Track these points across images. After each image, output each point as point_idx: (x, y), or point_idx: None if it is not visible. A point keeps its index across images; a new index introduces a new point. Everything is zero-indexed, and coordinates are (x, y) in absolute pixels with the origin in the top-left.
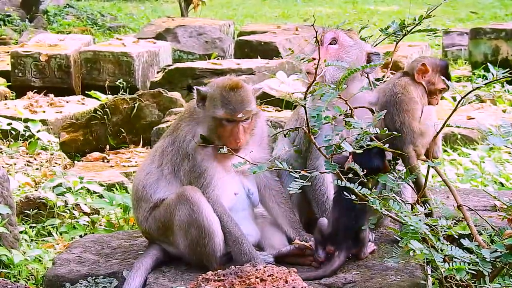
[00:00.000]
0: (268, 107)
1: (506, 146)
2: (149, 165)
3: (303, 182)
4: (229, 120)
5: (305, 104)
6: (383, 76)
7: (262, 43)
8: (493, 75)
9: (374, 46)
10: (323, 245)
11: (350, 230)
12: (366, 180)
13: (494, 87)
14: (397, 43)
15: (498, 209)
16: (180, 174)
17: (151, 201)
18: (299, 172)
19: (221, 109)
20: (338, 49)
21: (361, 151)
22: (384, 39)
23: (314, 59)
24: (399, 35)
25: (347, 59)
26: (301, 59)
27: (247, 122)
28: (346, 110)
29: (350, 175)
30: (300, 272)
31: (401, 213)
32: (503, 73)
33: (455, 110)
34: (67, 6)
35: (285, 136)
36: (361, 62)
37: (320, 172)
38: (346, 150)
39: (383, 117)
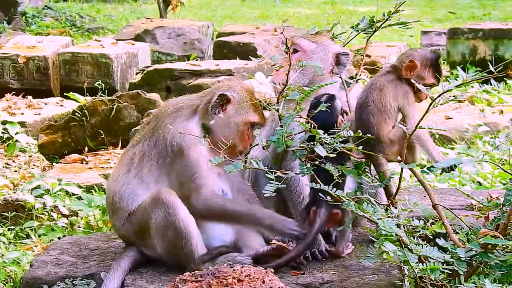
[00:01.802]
0: None
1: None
2: (125, 174)
3: (278, 184)
4: (253, 125)
5: (277, 109)
6: (356, 74)
7: (241, 44)
8: (464, 78)
9: (346, 43)
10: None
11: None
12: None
13: (472, 86)
14: (367, 40)
15: (475, 208)
16: (171, 176)
17: (128, 209)
18: (275, 173)
19: (254, 114)
20: (300, 55)
21: (334, 154)
22: (355, 36)
23: (277, 70)
24: (369, 32)
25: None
26: (272, 65)
27: None
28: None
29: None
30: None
31: (375, 215)
32: (473, 75)
33: (426, 112)
34: (46, 7)
35: (263, 149)
36: (327, 63)
37: (296, 173)
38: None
39: (356, 119)
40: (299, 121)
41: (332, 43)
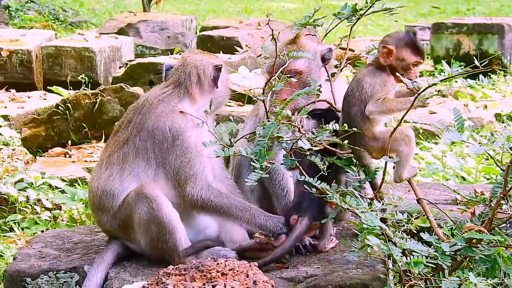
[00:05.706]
0: (230, 102)
1: (462, 141)
2: (119, 173)
3: (261, 174)
4: None
5: (263, 100)
6: (340, 63)
7: (224, 38)
8: (449, 72)
9: (328, 32)
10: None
11: (314, 200)
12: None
13: (456, 81)
14: (351, 28)
15: (459, 203)
16: (169, 161)
17: (116, 206)
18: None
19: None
20: (298, 81)
21: (317, 148)
22: (338, 24)
23: (282, 101)
24: (352, 20)
25: (309, 81)
26: (257, 56)
27: None
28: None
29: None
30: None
31: (358, 209)
32: (456, 70)
33: (411, 106)
34: (29, 1)
35: (248, 141)
36: (319, 66)
37: (281, 164)
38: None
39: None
40: (285, 125)
41: (314, 44)
